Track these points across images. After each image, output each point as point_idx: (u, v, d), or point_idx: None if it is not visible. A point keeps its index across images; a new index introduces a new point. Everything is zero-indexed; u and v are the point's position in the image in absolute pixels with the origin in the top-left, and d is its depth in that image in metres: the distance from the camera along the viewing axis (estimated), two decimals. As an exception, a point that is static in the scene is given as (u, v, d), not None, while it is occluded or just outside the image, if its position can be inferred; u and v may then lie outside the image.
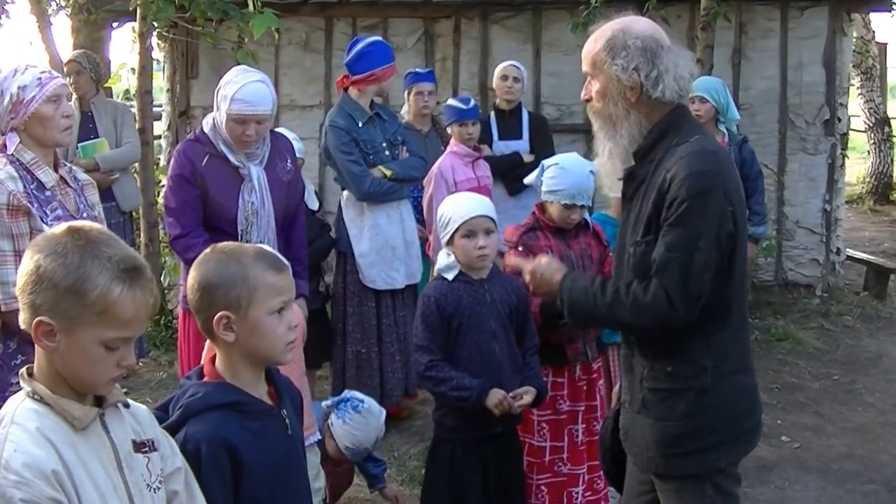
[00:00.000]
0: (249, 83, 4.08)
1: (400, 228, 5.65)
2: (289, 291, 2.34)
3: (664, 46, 2.78)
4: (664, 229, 2.67)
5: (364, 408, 4.23)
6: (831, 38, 8.20)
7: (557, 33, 8.23)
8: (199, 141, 4.25)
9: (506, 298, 3.75)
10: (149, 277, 1.93)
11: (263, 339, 2.31)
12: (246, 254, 2.34)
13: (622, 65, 2.74)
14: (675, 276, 2.65)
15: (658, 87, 2.74)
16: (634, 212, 2.83)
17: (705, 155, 2.70)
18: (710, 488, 2.84)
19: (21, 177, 3.33)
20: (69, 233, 1.90)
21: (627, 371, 2.97)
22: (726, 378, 2.79)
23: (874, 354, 7.19)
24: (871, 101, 13.80)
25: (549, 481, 4.04)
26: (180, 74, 8.57)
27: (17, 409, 1.89)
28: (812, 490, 4.93)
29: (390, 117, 5.84)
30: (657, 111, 2.80)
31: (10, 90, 3.32)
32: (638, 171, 2.84)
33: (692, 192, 2.62)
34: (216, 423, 2.26)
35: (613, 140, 2.83)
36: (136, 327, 1.92)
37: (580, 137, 8.25)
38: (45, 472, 1.80)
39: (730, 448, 2.85)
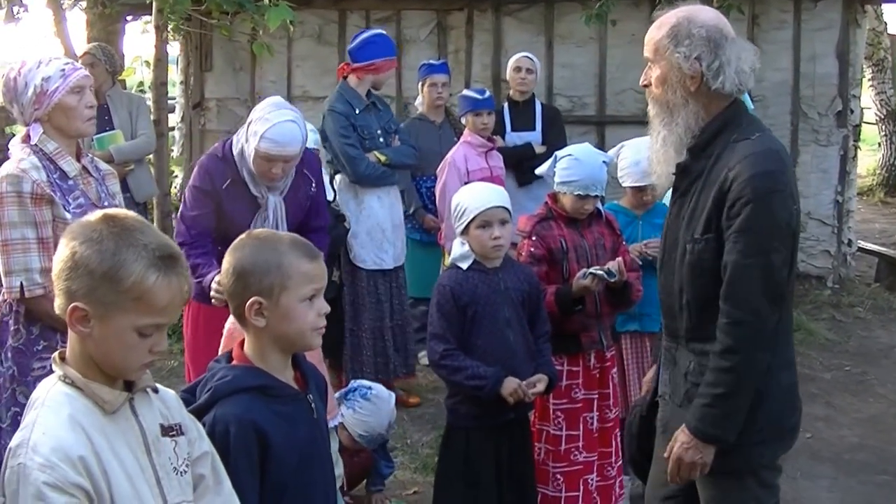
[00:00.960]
0: (281, 123, 3.98)
1: (389, 212, 5.87)
2: (321, 279, 2.38)
3: (728, 38, 2.75)
4: (733, 235, 2.63)
5: (372, 394, 4.28)
6: (845, 30, 8.18)
7: (570, 25, 8.25)
8: (225, 161, 4.19)
9: (519, 286, 3.78)
10: (183, 265, 1.96)
11: (294, 325, 2.34)
12: (281, 241, 2.38)
13: (684, 53, 2.71)
14: (756, 280, 2.62)
15: (718, 78, 2.72)
16: (689, 207, 2.80)
17: (770, 154, 2.68)
18: (753, 481, 2.84)
19: (44, 166, 3.35)
20: (105, 220, 1.92)
21: (670, 363, 2.95)
22: (772, 375, 2.76)
23: (886, 346, 7.21)
24: (882, 93, 13.76)
25: (565, 470, 4.07)
26: (194, 67, 8.64)
27: (48, 392, 1.93)
28: (824, 480, 4.95)
29: (385, 107, 6.06)
30: (715, 103, 2.77)
31: (35, 81, 3.34)
32: (694, 165, 2.80)
33: (759, 192, 2.59)
34: (245, 406, 2.29)
35: (668, 128, 2.81)
36: (170, 314, 1.96)
37: (592, 129, 8.30)
38: (71, 457, 1.83)
39: (772, 445, 2.84)
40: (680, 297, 2.83)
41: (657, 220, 4.52)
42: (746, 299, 2.64)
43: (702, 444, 2.74)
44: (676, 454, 2.79)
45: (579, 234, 4.13)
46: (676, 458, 2.80)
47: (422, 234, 6.52)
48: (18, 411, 3.38)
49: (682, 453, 2.78)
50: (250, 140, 4.04)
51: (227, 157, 4.19)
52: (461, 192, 3.84)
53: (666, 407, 2.98)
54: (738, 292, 2.64)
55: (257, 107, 4.16)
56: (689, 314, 2.82)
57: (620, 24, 8.16)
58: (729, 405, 2.70)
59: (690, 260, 2.76)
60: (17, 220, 3.27)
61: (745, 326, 2.64)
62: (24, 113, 3.40)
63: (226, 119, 8.75)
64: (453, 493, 3.72)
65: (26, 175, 3.29)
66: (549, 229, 4.11)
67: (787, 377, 2.85)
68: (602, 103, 8.37)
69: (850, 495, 4.82)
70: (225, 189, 4.16)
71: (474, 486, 3.68)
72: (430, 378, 6.43)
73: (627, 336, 4.53)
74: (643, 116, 8.53)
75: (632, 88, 8.34)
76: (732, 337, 2.65)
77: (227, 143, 4.26)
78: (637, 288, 4.13)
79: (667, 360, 2.99)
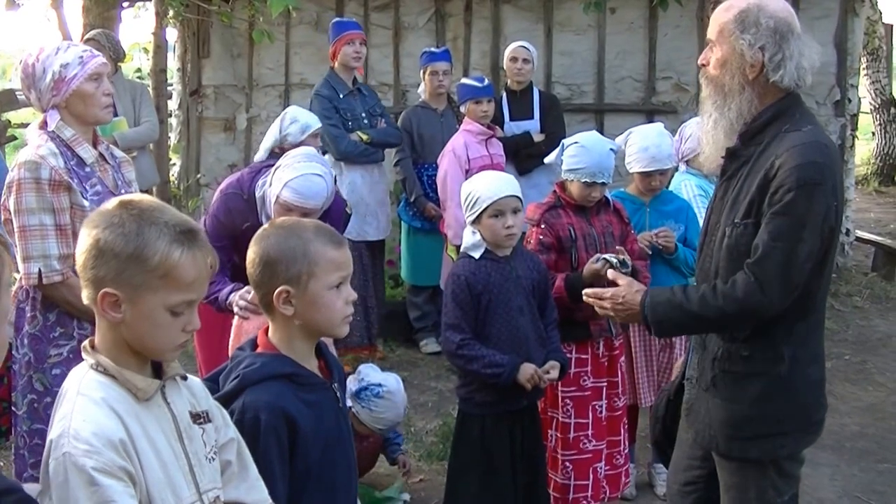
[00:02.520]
0: (307, 175, 3.83)
1: (372, 188, 6.31)
2: (347, 267, 2.38)
3: (794, 33, 2.74)
4: (768, 217, 2.66)
5: (385, 391, 4.31)
6: (842, 19, 8.19)
7: (569, 13, 8.24)
8: (247, 202, 4.08)
9: (529, 274, 3.80)
10: (204, 239, 1.97)
11: (322, 313, 2.35)
12: (306, 229, 2.38)
13: (749, 40, 2.71)
14: (775, 264, 2.64)
15: (778, 71, 2.72)
16: (733, 191, 2.81)
17: (818, 147, 2.69)
18: (773, 471, 2.86)
19: (62, 153, 3.34)
20: (122, 205, 1.94)
21: (699, 347, 2.97)
22: (801, 368, 2.79)
23: (884, 334, 7.25)
24: (877, 83, 13.80)
25: (574, 458, 4.09)
26: (192, 54, 8.59)
27: (81, 381, 1.93)
28: (826, 468, 4.98)
29: (370, 93, 6.57)
30: (771, 94, 2.77)
31: (53, 68, 3.33)
32: (742, 151, 2.81)
33: (801, 182, 2.61)
34: (275, 393, 2.30)
35: (721, 111, 2.81)
36: (199, 289, 1.97)
37: (590, 117, 8.29)
38: (113, 441, 1.84)
39: (795, 438, 2.86)
40: (714, 280, 2.83)
41: (665, 208, 4.55)
42: (766, 273, 2.66)
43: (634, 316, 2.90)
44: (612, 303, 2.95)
45: (588, 221, 4.14)
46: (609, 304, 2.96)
47: (423, 222, 6.53)
48: (35, 398, 3.40)
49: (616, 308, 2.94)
50: (274, 185, 3.90)
51: (251, 199, 4.08)
52: (473, 182, 3.83)
53: (692, 390, 3.00)
54: (760, 265, 2.67)
55: (289, 153, 4.03)
56: None
57: (619, 12, 8.17)
58: (682, 319, 2.81)
59: (728, 243, 2.78)
60: (35, 207, 3.26)
61: (754, 291, 2.67)
62: (42, 99, 3.38)
63: (223, 106, 8.71)
64: (470, 481, 3.74)
65: (44, 161, 3.27)
66: (558, 217, 4.12)
67: (816, 372, 2.86)
68: (601, 91, 8.36)
69: (851, 483, 4.86)
70: (244, 231, 3.95)
71: (490, 473, 3.70)
72: (432, 366, 6.48)
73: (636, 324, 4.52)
74: (641, 104, 8.69)
75: (630, 76, 8.35)
76: (742, 290, 2.68)
77: (252, 181, 4.12)
78: (645, 275, 4.14)
79: (697, 343, 3.01)
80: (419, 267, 6.65)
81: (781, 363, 2.78)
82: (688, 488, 3.13)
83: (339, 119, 6.09)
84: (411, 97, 8.04)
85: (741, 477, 2.90)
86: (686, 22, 8.14)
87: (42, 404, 3.38)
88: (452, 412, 5.52)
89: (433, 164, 6.35)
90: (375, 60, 8.41)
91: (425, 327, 6.77)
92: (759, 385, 2.80)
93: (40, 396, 3.40)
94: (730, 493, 2.95)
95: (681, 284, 3.08)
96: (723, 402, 2.85)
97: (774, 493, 2.88)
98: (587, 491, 4.13)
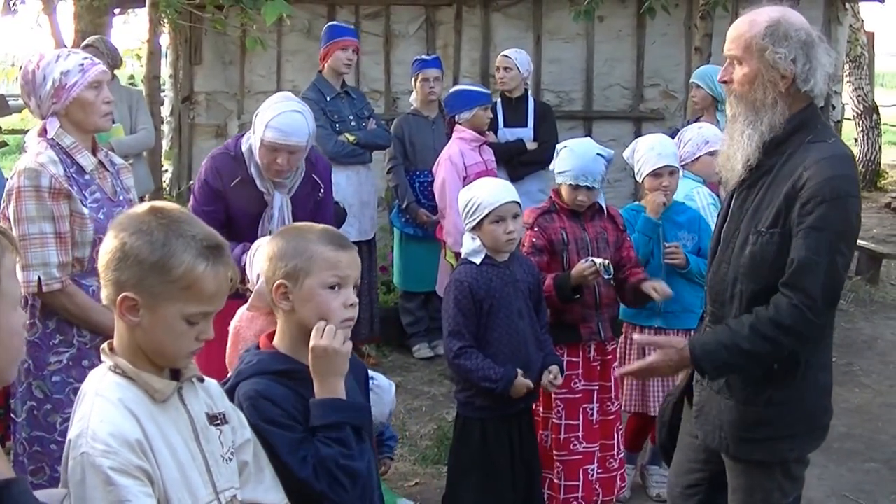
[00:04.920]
0: (286, 112, 4.04)
1: (357, 189, 6.28)
2: (346, 269, 2.40)
3: (816, 42, 2.78)
4: (804, 231, 2.67)
5: (375, 384, 4.31)
6: (826, 27, 8.28)
7: (558, 21, 8.34)
8: (236, 159, 4.23)
9: (526, 278, 3.86)
10: (228, 255, 2.02)
11: (317, 311, 2.37)
12: (312, 230, 2.45)
13: (784, 54, 2.72)
14: (819, 280, 2.67)
15: (809, 82, 2.75)
16: (754, 200, 2.83)
17: (845, 159, 2.75)
18: (780, 473, 2.92)
19: (62, 160, 3.35)
20: (152, 212, 1.98)
21: None
22: (814, 373, 2.85)
23: (869, 337, 7.35)
24: (859, 90, 13.97)
25: (564, 459, 4.15)
26: (184, 60, 8.63)
27: (100, 382, 1.98)
28: (815, 468, 5.01)
29: (359, 96, 6.61)
30: (797, 104, 2.79)
31: (53, 75, 3.33)
32: (765, 160, 2.82)
33: (835, 194, 2.64)
34: (263, 386, 2.35)
35: (753, 126, 2.81)
36: (218, 302, 2.01)
37: (579, 124, 8.39)
38: (130, 441, 1.88)
39: (802, 441, 2.92)
40: (733, 286, 2.86)
41: (678, 219, 4.56)
42: (808, 292, 2.68)
43: (684, 366, 2.89)
44: (656, 364, 2.95)
45: (581, 227, 4.20)
46: (653, 366, 2.97)
47: (415, 229, 6.57)
48: (34, 405, 3.40)
49: (662, 366, 2.95)
50: (257, 129, 4.08)
51: (238, 154, 4.22)
52: (472, 189, 3.87)
53: (703, 392, 3.03)
54: (801, 283, 2.69)
55: (267, 100, 4.20)
56: (739, 303, 2.86)
57: (608, 21, 8.27)
58: (739, 361, 2.80)
59: (752, 251, 2.80)
60: (35, 215, 3.27)
61: (801, 315, 2.69)
62: (42, 106, 3.38)
63: (215, 113, 8.76)
64: (471, 484, 3.78)
65: (44, 169, 3.28)
66: (552, 221, 4.19)
67: (824, 378, 2.93)
68: (589, 98, 8.46)
69: (839, 482, 4.93)
70: (233, 187, 4.20)
71: (491, 476, 3.75)
72: (425, 371, 6.53)
73: (651, 332, 4.53)
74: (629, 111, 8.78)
75: (618, 84, 8.45)
76: (790, 316, 2.70)
77: (238, 140, 4.29)
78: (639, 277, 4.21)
79: None
80: (412, 273, 6.70)
81: (798, 368, 2.82)
82: (690, 491, 3.17)
83: (325, 121, 6.10)
84: (402, 104, 8.11)
85: (748, 478, 2.95)
86: (673, 30, 8.24)
87: (42, 411, 3.40)
88: (446, 416, 5.60)
89: (425, 171, 6.41)
90: (366, 67, 8.49)
91: (418, 333, 6.82)
92: (771, 389, 2.85)
93: (40, 403, 3.40)
94: (736, 494, 3.00)
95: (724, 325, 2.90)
96: (735, 404, 2.90)
97: (780, 495, 2.94)
98: (577, 492, 4.18)
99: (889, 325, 7.66)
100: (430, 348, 6.74)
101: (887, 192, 13.70)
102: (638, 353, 4.56)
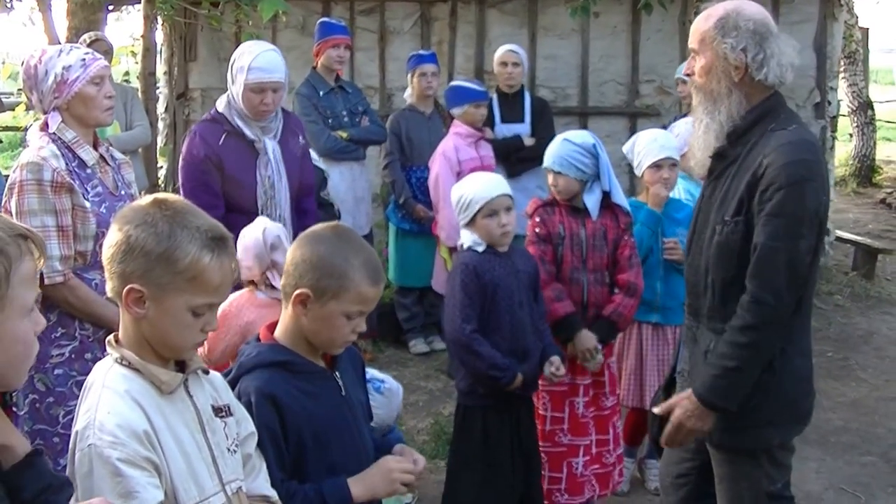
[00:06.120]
0: (264, 52, 4.26)
1: (351, 185, 6.30)
2: (371, 304, 2.42)
3: (773, 32, 2.86)
4: (763, 219, 2.74)
5: (385, 388, 4.34)
6: (822, 23, 8.33)
7: (553, 17, 8.33)
8: (216, 120, 4.36)
9: (526, 269, 3.86)
10: (232, 246, 2.03)
11: (327, 332, 2.41)
12: (357, 254, 2.40)
13: (731, 44, 2.82)
14: (781, 264, 2.72)
15: (762, 70, 2.82)
16: (721, 190, 2.90)
17: (805, 144, 2.80)
18: (765, 460, 2.95)
19: (63, 155, 3.36)
20: (156, 204, 1.98)
21: (690, 341, 3.06)
22: (791, 360, 2.88)
23: (865, 332, 7.38)
24: (854, 85, 13.99)
25: (548, 450, 4.14)
26: (178, 57, 8.59)
27: (106, 374, 1.98)
28: (812, 462, 5.07)
29: (354, 90, 6.60)
30: (757, 94, 2.88)
31: (55, 70, 3.35)
32: (730, 150, 2.91)
33: (792, 180, 2.70)
34: (265, 379, 2.37)
35: (711, 116, 2.91)
36: (222, 293, 2.02)
37: (574, 120, 8.37)
38: (137, 432, 1.89)
39: (785, 428, 2.95)
40: (705, 277, 2.93)
41: (676, 215, 4.56)
42: (770, 280, 2.74)
43: (705, 411, 2.86)
44: (678, 419, 2.91)
45: (579, 223, 4.19)
46: (677, 423, 2.92)
47: (411, 224, 6.57)
48: (37, 398, 3.42)
49: (685, 419, 2.90)
50: (237, 77, 4.25)
51: (217, 116, 4.37)
52: (464, 184, 3.87)
53: (684, 383, 3.08)
54: (763, 273, 2.75)
55: (237, 50, 4.40)
56: (712, 294, 2.92)
57: (603, 17, 8.27)
58: (737, 378, 2.82)
59: (719, 241, 2.87)
60: (36, 208, 3.29)
61: (766, 306, 2.75)
62: (43, 101, 3.40)
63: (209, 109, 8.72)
64: (472, 475, 3.78)
65: (46, 163, 3.30)
66: (551, 214, 4.19)
67: (803, 363, 2.95)
68: (584, 94, 8.45)
69: (836, 475, 4.96)
70: (222, 146, 4.30)
71: (492, 466, 3.75)
72: (421, 367, 6.53)
73: (649, 327, 4.57)
74: (625, 107, 8.78)
75: (613, 80, 8.46)
76: (752, 314, 2.76)
77: (214, 107, 4.44)
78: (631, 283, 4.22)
79: (688, 338, 3.09)
80: (408, 268, 6.70)
81: (773, 357, 2.85)
82: (680, 480, 3.21)
83: (318, 116, 6.14)
84: (397, 100, 8.10)
85: (734, 467, 2.98)
86: (668, 26, 8.24)
87: (44, 404, 3.41)
88: (443, 411, 5.61)
89: (421, 167, 6.42)
90: (361, 64, 8.47)
91: (414, 328, 6.83)
92: None
93: (42, 396, 3.41)
94: (723, 483, 3.03)
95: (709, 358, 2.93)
96: None
97: (767, 482, 2.97)
98: (560, 484, 4.18)
99: (885, 320, 7.69)
100: (427, 343, 6.74)
101: (882, 187, 13.73)
102: (636, 348, 4.58)
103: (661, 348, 4.58)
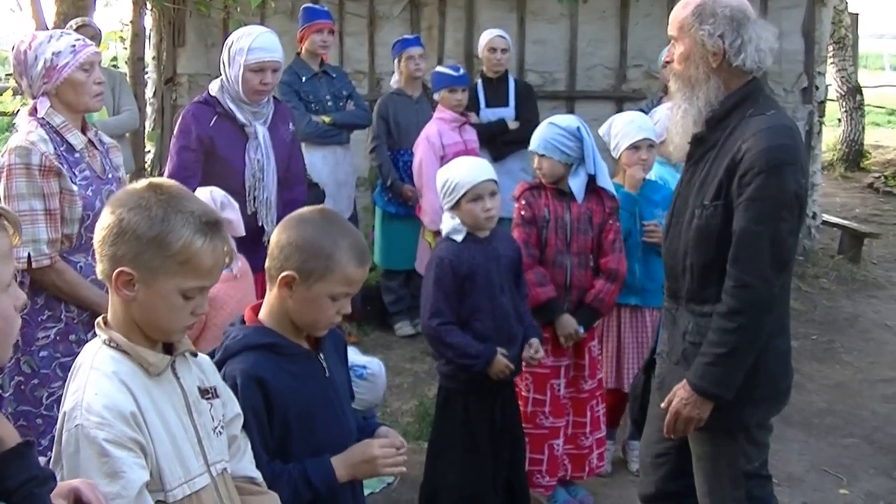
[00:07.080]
0: (263, 34, 4.38)
1: (333, 170, 6.37)
2: (357, 286, 2.45)
3: (750, 18, 2.90)
4: (744, 203, 2.77)
5: (368, 373, 4.38)
6: (811, 8, 8.32)
7: (542, 2, 8.32)
8: (208, 103, 4.43)
9: (508, 253, 3.87)
10: (225, 231, 2.06)
11: (312, 313, 2.44)
12: (344, 237, 2.43)
13: (708, 31, 2.86)
14: (764, 247, 2.76)
15: (740, 55, 2.86)
16: (700, 174, 2.94)
17: (783, 129, 2.83)
18: (743, 439, 3.00)
19: (52, 139, 3.39)
20: (151, 188, 2.00)
21: (669, 323, 3.10)
22: (770, 340, 2.90)
23: (850, 315, 7.44)
24: (843, 70, 14.01)
25: (530, 432, 4.17)
26: (167, 42, 8.60)
27: (94, 356, 2.00)
28: (795, 443, 5.13)
29: (339, 75, 6.67)
30: (735, 80, 2.91)
31: (45, 56, 3.37)
32: (709, 136, 2.94)
33: (771, 164, 2.73)
34: (251, 362, 2.40)
35: (689, 101, 2.95)
36: (214, 277, 2.05)
37: (562, 104, 8.39)
38: (124, 413, 1.91)
39: (764, 406, 2.99)
40: (684, 260, 2.96)
41: (653, 196, 4.60)
42: (754, 264, 2.77)
43: (700, 400, 2.89)
44: (675, 409, 2.94)
45: (565, 206, 4.22)
46: (675, 412, 2.95)
47: (397, 207, 6.60)
48: (22, 380, 3.45)
49: (681, 408, 2.93)
50: (236, 59, 4.31)
51: (209, 99, 4.43)
52: (448, 169, 3.87)
53: (663, 364, 3.13)
54: (746, 257, 2.78)
55: (233, 35, 4.47)
56: (690, 276, 2.96)
57: (592, 2, 8.26)
58: (730, 364, 2.85)
59: (698, 224, 2.90)
60: (25, 192, 3.31)
61: (752, 290, 2.78)
62: (33, 86, 3.43)
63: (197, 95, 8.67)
64: (452, 458, 3.80)
65: (35, 147, 3.32)
66: (537, 198, 4.23)
67: (782, 343, 2.99)
68: (572, 79, 8.47)
69: (819, 457, 5.02)
70: (213, 127, 4.38)
71: (472, 451, 3.78)
72: (407, 349, 6.57)
73: (627, 309, 4.61)
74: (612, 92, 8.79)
75: (601, 64, 8.47)
76: (738, 299, 2.79)
77: (202, 94, 4.52)
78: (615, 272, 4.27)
79: (667, 319, 3.13)
80: (394, 251, 6.72)
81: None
82: (660, 460, 3.25)
83: (298, 102, 6.20)
84: (386, 85, 8.08)
85: (712, 446, 3.02)
86: (657, 11, 8.25)
87: (29, 386, 3.44)
88: (428, 393, 5.65)
89: (408, 151, 6.42)
90: (350, 49, 8.47)
91: (400, 311, 6.87)
92: None
93: (27, 378, 3.44)
94: (701, 462, 3.07)
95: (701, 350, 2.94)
96: None
97: (745, 461, 3.01)
98: (542, 465, 4.23)
99: (870, 304, 7.76)
100: (412, 326, 6.77)
101: (870, 172, 13.78)
102: (617, 331, 4.62)
103: (639, 331, 4.63)
